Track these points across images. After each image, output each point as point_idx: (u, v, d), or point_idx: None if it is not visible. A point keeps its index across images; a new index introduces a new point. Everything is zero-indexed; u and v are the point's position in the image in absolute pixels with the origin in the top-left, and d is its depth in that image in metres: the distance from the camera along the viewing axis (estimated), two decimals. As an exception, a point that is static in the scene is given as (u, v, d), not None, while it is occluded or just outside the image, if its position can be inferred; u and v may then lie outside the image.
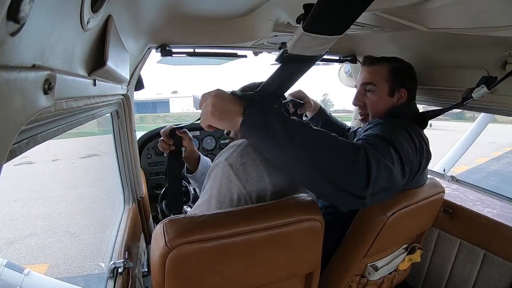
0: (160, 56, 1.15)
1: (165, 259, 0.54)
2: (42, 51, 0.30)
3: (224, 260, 0.60)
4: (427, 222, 1.10)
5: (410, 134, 0.83)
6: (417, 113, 1.02)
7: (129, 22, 0.70)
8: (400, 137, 0.79)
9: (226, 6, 0.86)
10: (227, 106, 0.63)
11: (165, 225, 0.56)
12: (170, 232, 0.55)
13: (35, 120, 0.32)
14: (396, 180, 0.69)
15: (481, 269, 1.18)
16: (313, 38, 0.55)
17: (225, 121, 0.63)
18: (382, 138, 0.74)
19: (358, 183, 0.60)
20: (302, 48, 0.59)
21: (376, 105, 1.03)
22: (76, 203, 3.93)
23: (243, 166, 0.70)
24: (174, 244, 0.54)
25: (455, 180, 1.56)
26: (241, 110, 0.63)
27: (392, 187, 0.68)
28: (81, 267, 2.59)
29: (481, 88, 0.92)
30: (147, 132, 1.69)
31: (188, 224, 0.57)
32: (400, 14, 0.75)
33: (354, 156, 0.61)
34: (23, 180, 4.52)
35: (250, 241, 0.60)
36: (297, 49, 0.59)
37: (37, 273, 1.61)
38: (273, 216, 0.63)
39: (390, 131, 0.80)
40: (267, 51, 1.36)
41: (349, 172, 0.60)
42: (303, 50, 0.60)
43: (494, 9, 0.59)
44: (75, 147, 6.11)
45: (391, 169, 0.66)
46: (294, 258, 0.69)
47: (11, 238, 3.02)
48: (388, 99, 1.02)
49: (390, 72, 1.01)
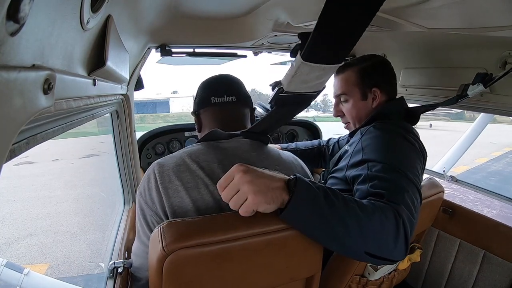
0: (160, 56, 1.16)
1: (163, 263, 0.53)
2: (41, 51, 0.30)
3: (223, 265, 0.58)
4: (426, 222, 1.10)
5: (409, 140, 0.83)
6: (404, 109, 0.99)
7: (129, 22, 0.70)
8: (405, 151, 0.79)
9: (226, 6, 0.86)
10: (267, 183, 0.54)
11: (163, 229, 0.55)
12: (168, 237, 0.53)
13: (35, 120, 0.32)
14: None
15: (481, 269, 1.18)
16: (313, 68, 0.51)
17: (272, 202, 0.54)
18: (394, 170, 0.70)
19: (399, 254, 0.60)
20: (300, 82, 0.54)
21: (352, 112, 1.01)
22: (76, 203, 3.93)
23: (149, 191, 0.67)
24: (171, 248, 0.52)
25: (455, 180, 1.57)
26: (284, 185, 0.55)
27: None
28: (81, 267, 2.59)
29: (477, 86, 0.91)
30: (147, 132, 1.69)
31: (186, 228, 0.56)
32: (400, 14, 0.75)
33: (396, 231, 0.58)
34: (23, 180, 4.52)
35: (250, 246, 0.59)
36: (294, 85, 0.55)
37: (37, 273, 1.61)
38: (273, 220, 0.61)
39: (393, 149, 0.79)
40: (267, 51, 1.36)
41: (391, 248, 0.58)
42: (301, 85, 0.55)
43: (494, 9, 0.59)
44: (75, 147, 6.11)
45: (416, 213, 0.67)
46: (295, 262, 0.68)
47: (11, 238, 3.02)
48: (363, 103, 0.99)
49: (357, 75, 0.98)
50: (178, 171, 0.66)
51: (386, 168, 0.72)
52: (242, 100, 0.81)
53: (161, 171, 0.67)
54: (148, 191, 0.67)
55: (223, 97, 0.79)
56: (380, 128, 0.85)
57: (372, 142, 0.81)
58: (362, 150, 0.81)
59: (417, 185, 0.72)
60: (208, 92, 0.81)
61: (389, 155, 0.76)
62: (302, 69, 0.51)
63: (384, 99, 0.99)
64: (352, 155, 0.84)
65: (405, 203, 0.64)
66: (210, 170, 0.67)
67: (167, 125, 1.73)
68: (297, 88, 0.56)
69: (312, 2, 0.77)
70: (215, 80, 0.84)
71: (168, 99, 32.26)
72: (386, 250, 0.59)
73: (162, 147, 1.67)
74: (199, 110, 0.82)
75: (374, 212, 0.58)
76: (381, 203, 0.61)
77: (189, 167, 0.67)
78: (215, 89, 0.81)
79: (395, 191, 0.66)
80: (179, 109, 30.88)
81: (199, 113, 0.83)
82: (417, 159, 0.80)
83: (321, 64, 0.51)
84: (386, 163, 0.73)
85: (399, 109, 0.98)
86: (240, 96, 0.81)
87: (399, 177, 0.70)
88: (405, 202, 0.65)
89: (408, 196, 0.67)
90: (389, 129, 0.85)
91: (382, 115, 0.95)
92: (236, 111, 0.81)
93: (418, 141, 0.88)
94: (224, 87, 0.81)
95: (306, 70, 0.51)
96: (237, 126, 0.79)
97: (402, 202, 0.64)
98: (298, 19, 0.87)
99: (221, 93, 0.79)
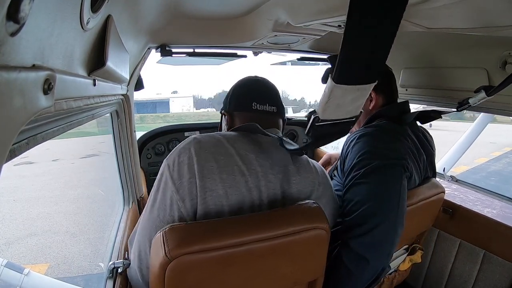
0: (160, 56, 1.15)
1: (165, 269, 0.52)
2: (42, 51, 0.30)
3: (226, 270, 0.58)
4: (427, 222, 1.10)
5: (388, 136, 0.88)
6: (399, 113, 0.99)
7: (129, 22, 0.70)
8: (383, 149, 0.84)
9: (226, 6, 0.86)
10: None
11: (165, 234, 0.54)
12: (170, 242, 0.52)
13: (35, 120, 0.32)
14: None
15: (481, 269, 1.18)
16: (347, 90, 0.48)
17: None
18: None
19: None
20: (335, 108, 0.51)
21: None
22: (76, 203, 3.93)
23: (178, 166, 0.62)
24: (174, 254, 0.51)
25: (455, 180, 1.56)
26: None
27: None
28: (81, 267, 2.59)
29: (480, 93, 0.91)
30: (147, 132, 1.69)
31: (189, 233, 0.54)
32: (400, 14, 0.75)
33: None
34: (23, 180, 4.52)
35: (253, 251, 0.58)
36: (329, 112, 0.52)
37: (37, 273, 1.61)
38: (277, 226, 0.61)
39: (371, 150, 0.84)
40: (267, 51, 1.36)
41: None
42: (337, 111, 0.53)
43: (495, 9, 0.59)
44: (75, 147, 6.11)
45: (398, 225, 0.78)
46: (298, 267, 0.67)
47: (11, 238, 3.02)
48: None
49: None
50: (215, 152, 0.63)
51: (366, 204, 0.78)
52: (281, 111, 0.81)
53: (198, 147, 0.63)
54: (177, 165, 0.62)
55: (265, 105, 0.78)
56: (362, 135, 0.89)
57: (353, 157, 0.86)
58: (346, 158, 0.89)
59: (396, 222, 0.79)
60: (250, 96, 0.79)
61: (370, 188, 0.81)
62: (335, 93, 0.48)
63: (381, 102, 1.00)
64: (340, 161, 0.93)
65: (384, 262, 0.78)
66: (248, 160, 0.65)
67: (167, 125, 1.73)
68: (333, 115, 0.53)
69: (312, 2, 0.77)
70: (256, 84, 0.82)
71: (168, 99, 32.26)
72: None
73: (162, 147, 1.67)
74: (234, 112, 0.79)
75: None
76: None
77: (228, 150, 0.64)
78: (258, 95, 0.78)
79: (374, 249, 0.77)
80: (179, 109, 30.87)
81: (233, 114, 0.80)
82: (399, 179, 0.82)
83: (354, 85, 0.48)
84: (366, 198, 0.79)
85: (395, 112, 0.98)
86: (280, 108, 0.80)
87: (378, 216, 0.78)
88: (383, 260, 0.78)
89: (389, 253, 0.78)
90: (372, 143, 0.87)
91: (378, 118, 0.98)
92: (274, 121, 0.80)
93: (410, 140, 0.92)
94: (267, 95, 0.80)
95: (339, 93, 0.48)
96: None
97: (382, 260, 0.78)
98: (298, 19, 0.87)
99: (264, 101, 0.78)
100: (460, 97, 1.04)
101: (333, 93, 0.48)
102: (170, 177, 0.62)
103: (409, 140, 0.92)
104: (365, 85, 0.49)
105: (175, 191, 0.61)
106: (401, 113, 0.97)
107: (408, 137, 0.92)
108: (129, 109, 1.14)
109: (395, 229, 0.76)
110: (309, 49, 1.35)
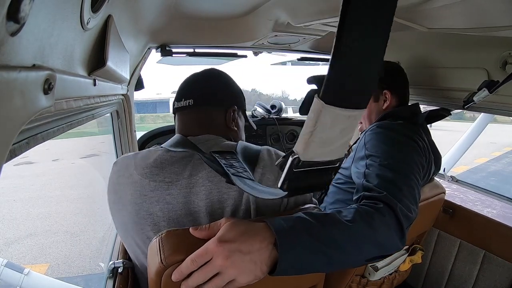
0: (160, 56, 1.16)
1: (161, 277, 0.50)
2: (42, 51, 0.30)
3: None
4: (428, 223, 1.10)
5: (412, 139, 0.86)
6: (411, 114, 1.00)
7: (129, 22, 0.70)
8: (403, 148, 0.82)
9: (226, 6, 0.86)
10: (254, 258, 0.48)
11: (162, 239, 0.51)
12: (167, 248, 0.50)
13: (35, 120, 0.32)
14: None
15: (481, 269, 1.18)
16: (337, 117, 0.37)
17: (262, 274, 0.49)
18: (391, 165, 0.75)
19: (396, 246, 0.62)
20: (320, 145, 0.39)
21: (364, 113, 1.05)
22: (76, 203, 3.93)
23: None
24: (170, 261, 0.49)
25: (455, 180, 1.57)
26: (269, 248, 0.49)
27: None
28: (81, 267, 2.59)
29: (483, 91, 0.93)
30: (147, 132, 1.68)
31: (186, 238, 0.52)
32: (400, 14, 0.75)
33: (387, 228, 0.60)
34: (23, 180, 4.52)
35: None
36: (313, 150, 0.38)
37: (37, 273, 1.61)
38: None
39: (391, 145, 0.82)
40: (267, 51, 1.36)
41: (387, 245, 0.61)
42: (322, 149, 0.39)
43: (495, 9, 0.59)
44: (75, 147, 6.11)
45: (414, 206, 0.70)
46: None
47: (11, 238, 3.02)
48: (375, 105, 1.05)
49: None
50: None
51: (383, 163, 0.76)
52: (201, 101, 0.70)
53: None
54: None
55: (181, 101, 0.71)
56: (382, 126, 0.90)
57: (373, 137, 0.86)
58: (365, 145, 0.86)
59: (414, 180, 0.75)
60: (175, 95, 0.74)
61: (387, 149, 0.80)
62: (323, 120, 0.37)
63: (395, 103, 1.03)
64: (356, 151, 0.90)
65: (397, 196, 0.67)
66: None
67: (167, 125, 1.73)
68: (318, 154, 0.39)
69: (312, 2, 0.77)
70: (185, 80, 0.76)
71: (168, 99, 32.20)
72: (383, 249, 0.60)
73: (162, 147, 1.66)
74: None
75: (362, 219, 0.58)
76: (367, 205, 0.63)
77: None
78: (177, 92, 0.74)
79: (387, 187, 0.69)
80: (179, 109, 30.72)
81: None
82: (418, 157, 0.83)
83: (346, 109, 0.37)
84: (383, 158, 0.77)
85: (407, 113, 1.00)
86: (199, 97, 0.70)
87: (395, 171, 0.73)
88: (397, 194, 0.67)
89: (401, 188, 0.70)
90: (390, 128, 0.89)
91: (390, 117, 0.99)
92: (193, 115, 0.70)
93: (423, 141, 0.91)
94: (184, 87, 0.73)
95: (328, 121, 0.37)
96: (199, 133, 0.68)
97: (393, 195, 0.67)
98: (298, 19, 0.87)
99: (180, 96, 0.72)
100: (460, 97, 1.04)
101: (320, 119, 0.36)
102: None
103: (422, 142, 0.92)
104: (357, 111, 0.38)
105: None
106: (413, 114, 0.99)
107: (422, 139, 0.92)
108: (129, 109, 1.14)
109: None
110: (309, 49, 1.35)
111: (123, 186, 0.61)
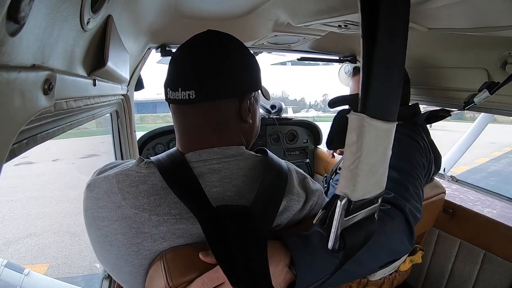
0: (160, 56, 1.16)
1: None
2: (42, 51, 0.30)
3: None
4: (428, 223, 1.10)
5: (413, 138, 0.87)
6: (411, 114, 1.01)
7: (129, 22, 0.70)
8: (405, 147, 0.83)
9: (226, 6, 0.86)
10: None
11: (166, 260, 0.45)
12: (173, 269, 0.44)
13: (35, 120, 0.32)
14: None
15: (481, 269, 1.18)
16: (380, 132, 0.32)
17: None
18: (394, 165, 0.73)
19: (406, 249, 0.61)
20: (369, 175, 0.32)
21: None
22: (76, 203, 3.93)
23: None
24: (177, 283, 0.44)
25: (455, 180, 1.56)
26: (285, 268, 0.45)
27: None
28: (81, 267, 2.59)
29: (483, 93, 0.92)
30: (147, 132, 1.68)
31: (192, 258, 0.45)
32: (400, 14, 0.75)
33: (399, 234, 0.59)
34: (23, 180, 4.52)
35: None
36: (364, 183, 0.32)
37: (37, 273, 1.61)
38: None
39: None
40: (267, 51, 1.36)
41: (400, 250, 0.60)
42: (371, 180, 0.33)
43: (495, 9, 0.59)
44: (75, 147, 6.11)
45: (419, 204, 0.70)
46: None
47: (11, 238, 3.02)
48: None
49: None
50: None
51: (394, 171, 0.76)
52: (207, 94, 0.48)
53: None
54: None
55: (177, 91, 0.49)
56: None
57: None
58: None
59: (418, 180, 0.76)
60: (167, 76, 0.52)
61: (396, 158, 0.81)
62: (368, 137, 0.30)
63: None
64: None
65: (405, 196, 0.67)
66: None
67: (167, 125, 1.72)
68: (368, 190, 0.33)
69: (312, 2, 0.77)
70: (181, 50, 0.53)
71: (168, 99, 32.15)
72: (396, 253, 0.60)
73: (163, 147, 1.66)
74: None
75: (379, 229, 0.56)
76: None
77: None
78: (169, 73, 0.52)
79: (395, 187, 0.69)
80: (179, 109, 30.70)
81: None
82: (420, 157, 0.84)
83: (387, 122, 0.32)
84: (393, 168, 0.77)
85: (407, 113, 1.00)
86: (205, 88, 0.48)
87: (400, 171, 0.74)
88: (404, 194, 0.68)
89: (408, 188, 0.70)
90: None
91: None
92: (195, 116, 0.50)
93: (424, 141, 0.92)
94: (179, 70, 0.51)
95: (373, 138, 0.31)
96: (204, 143, 0.50)
97: (401, 195, 0.67)
98: (298, 19, 0.87)
99: (174, 83, 0.50)
100: (460, 97, 1.04)
101: (366, 138, 0.30)
102: None
103: (423, 142, 0.93)
104: (393, 124, 0.33)
105: None
106: (413, 115, 0.99)
107: (422, 139, 0.93)
108: (129, 109, 1.14)
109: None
110: (309, 49, 1.35)
111: (107, 223, 0.46)
